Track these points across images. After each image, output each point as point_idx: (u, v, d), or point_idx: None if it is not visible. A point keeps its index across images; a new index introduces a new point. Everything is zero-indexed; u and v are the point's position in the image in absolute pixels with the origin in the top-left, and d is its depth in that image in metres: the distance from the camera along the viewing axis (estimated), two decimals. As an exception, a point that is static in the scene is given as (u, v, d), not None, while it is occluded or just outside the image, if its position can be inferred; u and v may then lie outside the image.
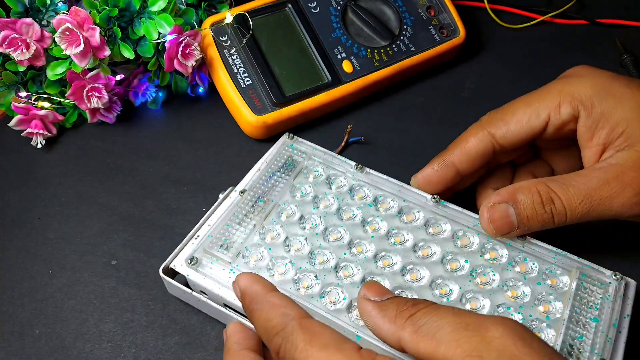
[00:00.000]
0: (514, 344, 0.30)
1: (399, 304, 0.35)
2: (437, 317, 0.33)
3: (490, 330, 0.31)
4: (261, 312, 0.37)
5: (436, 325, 0.33)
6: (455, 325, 0.32)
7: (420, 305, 0.35)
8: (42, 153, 0.62)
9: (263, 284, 0.39)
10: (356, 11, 0.67)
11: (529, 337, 0.31)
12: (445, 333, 0.32)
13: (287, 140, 0.54)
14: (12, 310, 0.49)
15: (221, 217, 0.49)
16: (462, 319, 0.33)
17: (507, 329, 0.31)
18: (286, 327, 0.35)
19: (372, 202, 0.50)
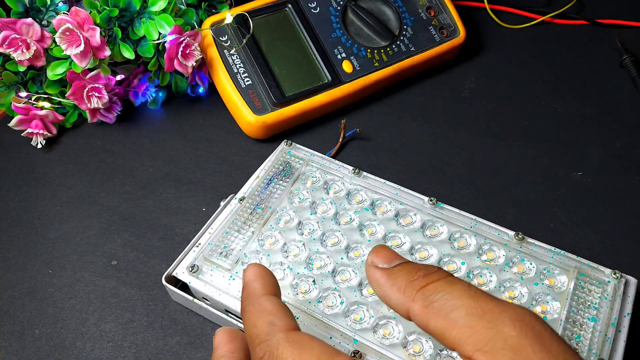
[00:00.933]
0: (531, 346, 0.28)
1: (409, 273, 0.33)
2: (452, 296, 0.31)
3: (508, 325, 0.29)
4: (250, 315, 0.35)
5: (450, 305, 0.30)
6: (470, 309, 0.30)
7: (433, 277, 0.32)
8: (42, 153, 0.62)
9: (264, 283, 0.36)
10: (356, 11, 0.67)
11: (549, 338, 0.29)
12: (459, 316, 0.30)
13: (285, 147, 0.55)
14: (12, 310, 0.50)
15: (221, 224, 0.49)
16: (478, 304, 0.30)
17: (526, 328, 0.29)
18: (271, 338, 0.32)
19: (369, 206, 0.50)
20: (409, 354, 0.41)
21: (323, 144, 0.61)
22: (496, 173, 0.59)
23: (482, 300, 0.30)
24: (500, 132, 0.63)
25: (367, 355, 0.41)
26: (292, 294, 0.44)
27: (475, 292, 0.31)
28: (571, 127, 0.63)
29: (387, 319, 0.43)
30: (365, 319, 0.43)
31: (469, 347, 0.29)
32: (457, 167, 0.60)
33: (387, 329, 0.42)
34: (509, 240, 0.47)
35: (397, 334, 0.42)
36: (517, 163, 0.60)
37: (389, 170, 0.59)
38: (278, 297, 0.36)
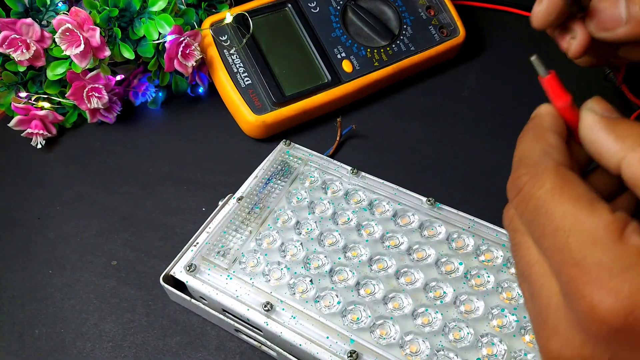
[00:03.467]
0: None
1: (636, 126, 0.29)
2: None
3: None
4: (527, 139, 0.31)
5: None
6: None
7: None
8: (42, 153, 0.62)
9: (556, 122, 0.32)
10: (356, 11, 0.67)
11: None
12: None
13: (283, 147, 0.55)
14: (12, 310, 0.50)
15: (219, 224, 0.49)
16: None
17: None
18: (541, 163, 0.29)
19: (367, 206, 0.50)
20: (406, 354, 0.41)
21: (323, 143, 0.61)
22: (495, 173, 0.59)
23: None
24: (500, 132, 0.63)
25: (363, 355, 0.41)
26: (289, 293, 0.45)
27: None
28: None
29: (384, 319, 0.43)
30: (363, 319, 0.43)
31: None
32: (456, 168, 0.60)
33: (384, 329, 0.42)
34: (507, 241, 0.47)
35: (394, 334, 0.42)
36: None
37: (388, 170, 0.59)
38: (564, 140, 0.31)
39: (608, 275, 0.24)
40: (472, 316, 0.43)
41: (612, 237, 0.25)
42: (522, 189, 0.29)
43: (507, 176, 0.58)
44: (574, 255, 0.25)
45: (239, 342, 0.48)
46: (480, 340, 0.42)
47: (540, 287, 0.28)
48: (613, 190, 0.35)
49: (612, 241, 0.25)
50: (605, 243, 0.25)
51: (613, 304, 0.24)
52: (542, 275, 0.28)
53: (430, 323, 0.43)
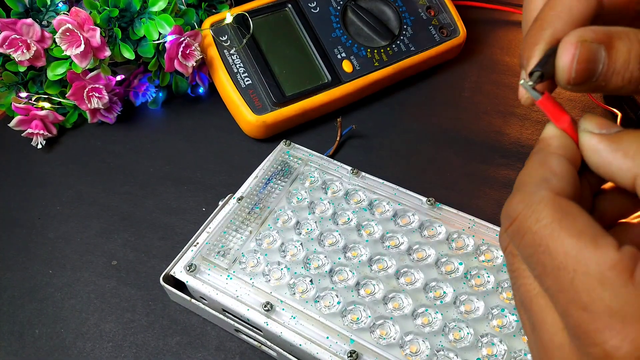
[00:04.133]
0: None
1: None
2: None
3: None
4: (530, 163, 0.30)
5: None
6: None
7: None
8: (42, 153, 0.62)
9: (563, 144, 0.30)
10: (356, 11, 0.67)
11: None
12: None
13: (284, 147, 0.55)
14: (12, 310, 0.50)
15: (219, 224, 0.49)
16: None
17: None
18: (536, 192, 0.27)
19: (367, 206, 0.50)
20: (406, 354, 0.41)
21: (323, 143, 0.61)
22: (495, 173, 0.59)
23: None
24: (500, 132, 0.63)
25: (363, 355, 0.41)
26: (289, 293, 0.45)
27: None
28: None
29: (384, 319, 0.43)
30: (363, 319, 0.43)
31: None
32: (456, 168, 0.60)
33: (384, 329, 0.42)
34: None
35: (394, 334, 0.42)
36: (517, 163, 0.60)
37: (388, 170, 0.59)
38: (573, 165, 0.29)
39: (621, 323, 0.23)
40: (472, 316, 0.43)
41: (621, 279, 0.23)
42: (517, 219, 0.27)
43: (507, 177, 0.58)
44: (582, 299, 0.24)
45: (239, 342, 0.48)
46: (480, 340, 0.42)
47: (543, 321, 0.27)
48: (631, 207, 0.33)
49: (622, 283, 0.23)
50: (615, 285, 0.23)
51: (628, 354, 0.23)
52: (544, 309, 0.27)
53: (430, 323, 0.43)
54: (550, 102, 0.32)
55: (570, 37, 0.31)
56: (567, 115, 0.32)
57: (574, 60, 0.31)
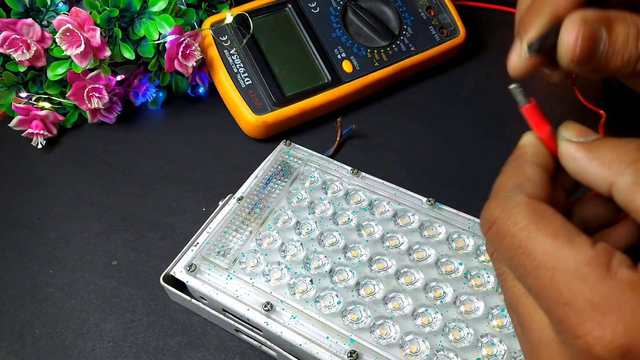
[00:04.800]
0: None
1: (616, 146, 0.28)
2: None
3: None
4: (505, 170, 0.32)
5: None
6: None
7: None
8: (42, 153, 0.62)
9: (537, 152, 0.32)
10: (356, 11, 0.67)
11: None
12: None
13: (284, 147, 0.55)
14: (12, 310, 0.50)
15: (219, 224, 0.49)
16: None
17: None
18: (512, 196, 0.29)
19: (367, 206, 0.50)
20: (406, 354, 0.41)
21: (323, 143, 0.61)
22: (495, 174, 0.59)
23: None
24: (500, 132, 0.63)
25: (363, 355, 0.41)
26: (289, 293, 0.45)
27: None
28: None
29: (384, 319, 0.43)
30: (363, 319, 0.43)
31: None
32: (456, 168, 0.60)
33: (384, 329, 0.42)
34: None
35: (394, 334, 0.42)
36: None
37: (388, 170, 0.59)
38: (546, 172, 0.31)
39: (601, 315, 0.24)
40: (472, 316, 0.43)
41: (598, 273, 0.25)
42: (494, 224, 0.29)
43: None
44: (563, 295, 0.25)
45: (239, 342, 0.48)
46: (480, 340, 0.42)
47: (530, 320, 0.28)
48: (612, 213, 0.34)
49: (599, 277, 0.25)
50: (593, 280, 0.25)
51: (609, 343, 0.23)
52: (530, 309, 0.28)
53: (430, 323, 0.43)
54: (535, 111, 0.34)
55: (574, 17, 0.32)
56: (547, 125, 0.33)
57: (578, 38, 0.32)
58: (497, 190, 0.30)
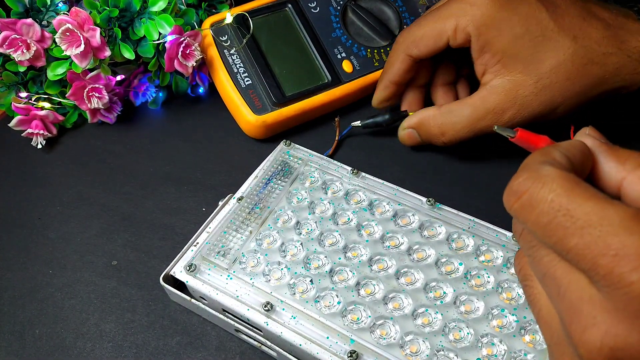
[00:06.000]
0: None
1: (632, 152, 0.32)
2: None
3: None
4: (533, 153, 0.32)
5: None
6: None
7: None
8: (42, 153, 0.62)
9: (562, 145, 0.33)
10: (356, 11, 0.67)
11: None
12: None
13: (284, 147, 0.55)
14: (12, 310, 0.50)
15: (219, 224, 0.49)
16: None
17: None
18: (542, 169, 0.30)
19: (367, 206, 0.50)
20: (406, 354, 0.41)
21: (323, 143, 0.61)
22: (495, 173, 0.59)
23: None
24: (500, 131, 0.63)
25: (364, 355, 0.41)
26: (289, 293, 0.45)
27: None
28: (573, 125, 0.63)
29: (384, 319, 0.43)
30: (363, 319, 0.43)
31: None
32: (456, 168, 0.60)
33: (384, 329, 0.42)
34: (507, 241, 0.47)
35: (394, 334, 0.42)
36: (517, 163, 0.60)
37: (388, 170, 0.59)
38: (572, 161, 0.32)
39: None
40: (472, 316, 0.43)
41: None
42: (525, 194, 0.29)
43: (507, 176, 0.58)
44: (612, 247, 0.26)
45: (239, 342, 0.48)
46: (480, 340, 0.42)
47: (568, 283, 0.28)
48: None
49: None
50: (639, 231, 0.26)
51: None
52: (568, 272, 0.28)
53: (431, 323, 0.43)
54: (526, 135, 0.40)
55: (403, 124, 0.59)
56: (543, 136, 0.39)
57: (405, 136, 0.60)
58: (525, 165, 0.31)
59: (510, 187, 0.31)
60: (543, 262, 0.30)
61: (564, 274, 0.29)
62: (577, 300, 0.28)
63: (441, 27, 0.53)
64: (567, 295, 0.28)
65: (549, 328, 0.31)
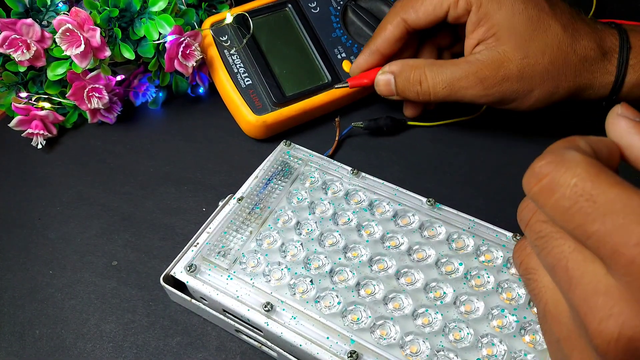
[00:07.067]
0: None
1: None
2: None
3: None
4: (558, 141, 0.31)
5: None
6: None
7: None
8: (42, 153, 0.62)
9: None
10: (356, 11, 0.67)
11: None
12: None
13: (284, 147, 0.55)
14: (12, 310, 0.50)
15: (219, 224, 0.49)
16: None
17: None
18: (566, 154, 0.28)
19: (367, 206, 0.50)
20: (406, 354, 0.41)
21: (323, 143, 0.61)
22: (495, 174, 0.59)
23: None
24: (500, 132, 0.63)
25: (364, 355, 0.41)
26: (289, 293, 0.45)
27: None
28: (572, 125, 0.63)
29: (384, 319, 0.43)
30: (363, 319, 0.43)
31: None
32: (456, 168, 0.60)
33: (384, 329, 0.42)
34: (507, 242, 0.47)
35: (395, 334, 0.42)
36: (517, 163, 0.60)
37: (388, 171, 0.59)
38: (594, 151, 0.31)
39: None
40: (472, 316, 0.43)
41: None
42: (546, 177, 0.28)
43: (507, 177, 0.58)
44: (636, 236, 0.25)
45: (239, 342, 0.48)
46: (481, 340, 0.42)
47: (583, 273, 0.28)
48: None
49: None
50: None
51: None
52: (584, 261, 0.28)
53: (431, 323, 0.43)
54: (357, 79, 0.60)
55: (384, 68, 0.58)
56: (371, 74, 0.59)
57: (377, 82, 0.59)
58: (549, 150, 0.30)
59: (531, 169, 0.29)
60: (553, 253, 0.29)
61: (577, 264, 0.28)
62: (592, 291, 0.27)
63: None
64: (580, 287, 0.28)
65: (557, 322, 0.31)
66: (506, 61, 0.52)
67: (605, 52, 0.53)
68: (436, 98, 0.56)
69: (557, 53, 0.52)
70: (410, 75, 0.56)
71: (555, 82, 0.53)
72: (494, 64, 0.53)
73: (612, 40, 0.53)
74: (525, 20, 0.52)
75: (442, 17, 0.55)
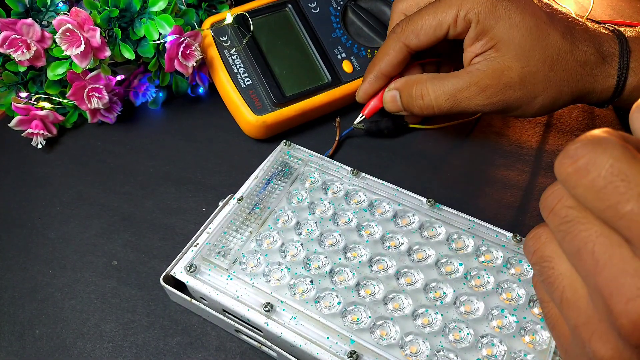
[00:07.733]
0: None
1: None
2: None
3: None
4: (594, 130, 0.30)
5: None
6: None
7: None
8: (42, 153, 0.62)
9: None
10: (356, 11, 0.67)
11: None
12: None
13: (284, 148, 0.55)
14: (12, 310, 0.50)
15: (219, 224, 0.49)
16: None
17: None
18: (600, 138, 0.28)
19: (367, 206, 0.50)
20: (406, 354, 0.41)
21: (323, 144, 0.61)
22: (496, 174, 0.59)
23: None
24: (500, 132, 0.63)
25: (364, 355, 0.41)
26: (289, 294, 0.45)
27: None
28: (572, 126, 0.63)
29: (384, 319, 0.43)
30: (363, 320, 0.43)
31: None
32: (456, 168, 0.60)
33: (384, 329, 0.42)
34: (507, 242, 0.47)
35: (394, 334, 0.42)
36: (517, 164, 0.60)
37: (388, 171, 0.59)
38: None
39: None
40: (472, 317, 0.43)
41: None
42: (583, 157, 0.28)
43: (507, 177, 0.58)
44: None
45: (239, 342, 0.48)
46: (480, 340, 0.42)
47: (610, 256, 0.28)
48: None
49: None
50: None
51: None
52: (610, 246, 0.28)
53: (431, 324, 0.43)
54: (370, 107, 0.60)
55: (390, 85, 0.59)
56: (381, 96, 0.59)
57: (385, 99, 0.59)
58: (584, 135, 0.29)
59: (566, 150, 0.29)
60: (580, 236, 0.29)
61: (604, 248, 0.28)
62: (619, 273, 0.27)
63: (442, 17, 0.54)
64: (607, 269, 0.28)
65: (575, 308, 0.31)
66: (507, 70, 0.53)
67: (605, 56, 0.53)
68: (440, 111, 0.56)
69: (557, 60, 0.52)
70: (413, 91, 0.56)
71: (558, 88, 0.53)
72: (495, 73, 0.53)
73: (611, 44, 0.54)
74: (524, 32, 0.52)
75: (442, 38, 0.55)
